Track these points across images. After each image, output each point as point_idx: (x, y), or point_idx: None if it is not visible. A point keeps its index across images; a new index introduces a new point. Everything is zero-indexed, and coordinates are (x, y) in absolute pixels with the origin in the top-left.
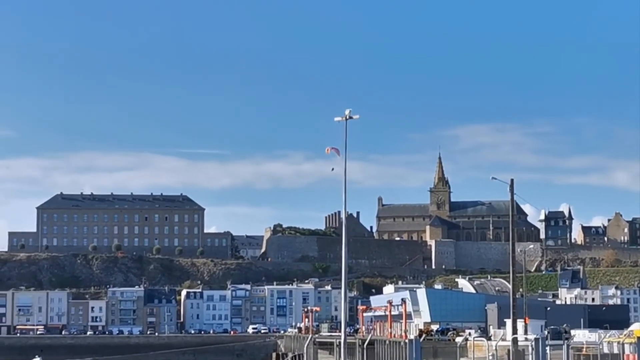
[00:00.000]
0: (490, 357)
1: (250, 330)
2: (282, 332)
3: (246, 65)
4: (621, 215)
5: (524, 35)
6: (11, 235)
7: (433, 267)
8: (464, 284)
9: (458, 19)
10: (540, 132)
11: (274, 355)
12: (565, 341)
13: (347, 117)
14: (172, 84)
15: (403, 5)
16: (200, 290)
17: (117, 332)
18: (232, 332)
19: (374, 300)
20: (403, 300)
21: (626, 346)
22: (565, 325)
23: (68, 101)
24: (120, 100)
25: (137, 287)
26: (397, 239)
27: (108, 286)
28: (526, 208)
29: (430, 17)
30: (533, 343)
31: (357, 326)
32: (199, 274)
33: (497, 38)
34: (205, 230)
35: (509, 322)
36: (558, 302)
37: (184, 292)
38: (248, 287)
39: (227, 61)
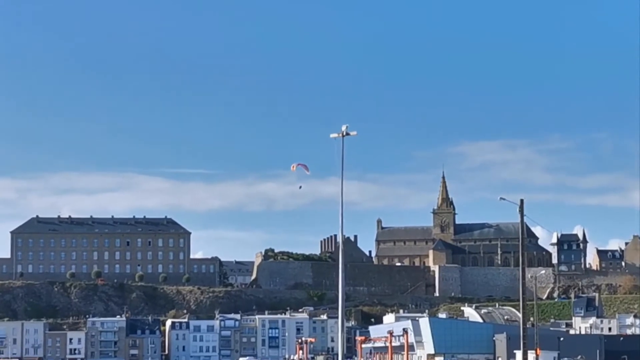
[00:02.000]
0: None
1: None
2: None
3: (237, 78)
4: None
5: (536, 46)
6: None
7: (437, 294)
8: (470, 313)
9: (465, 29)
10: (554, 149)
11: None
12: None
13: (344, 134)
14: (157, 99)
15: (406, 15)
16: (186, 320)
17: None
18: None
19: (374, 330)
20: (405, 331)
21: None
22: (579, 356)
23: (45, 118)
24: (101, 116)
25: (118, 316)
26: (398, 264)
27: (87, 316)
28: (537, 231)
29: (435, 27)
30: None
31: (356, 358)
32: (185, 302)
33: (508, 49)
34: (192, 256)
35: (519, 354)
36: (572, 332)
37: (168, 322)
38: (237, 316)
39: (217, 74)
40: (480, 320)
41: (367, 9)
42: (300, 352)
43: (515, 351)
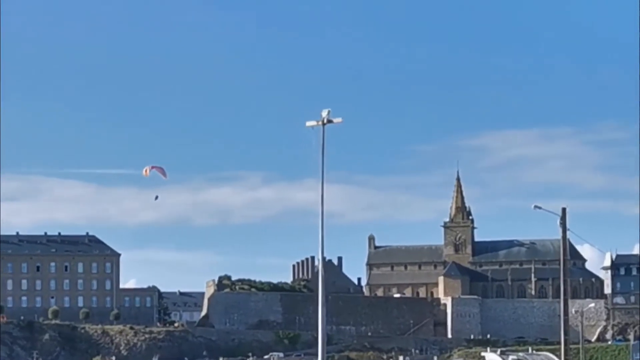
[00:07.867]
0: None
1: None
2: None
3: (181, 53)
4: None
5: (579, 6)
6: None
7: (449, 335)
8: None
9: None
10: (606, 140)
11: None
12: None
13: (325, 121)
14: (73, 80)
15: None
16: None
17: None
18: None
19: None
20: None
21: None
22: None
23: None
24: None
25: None
26: (397, 295)
27: None
28: (585, 250)
29: None
30: None
31: None
32: (114, 346)
33: (545, 7)
34: (122, 285)
35: None
36: None
37: None
38: None
39: (154, 50)
40: None
41: None
42: None
43: None
